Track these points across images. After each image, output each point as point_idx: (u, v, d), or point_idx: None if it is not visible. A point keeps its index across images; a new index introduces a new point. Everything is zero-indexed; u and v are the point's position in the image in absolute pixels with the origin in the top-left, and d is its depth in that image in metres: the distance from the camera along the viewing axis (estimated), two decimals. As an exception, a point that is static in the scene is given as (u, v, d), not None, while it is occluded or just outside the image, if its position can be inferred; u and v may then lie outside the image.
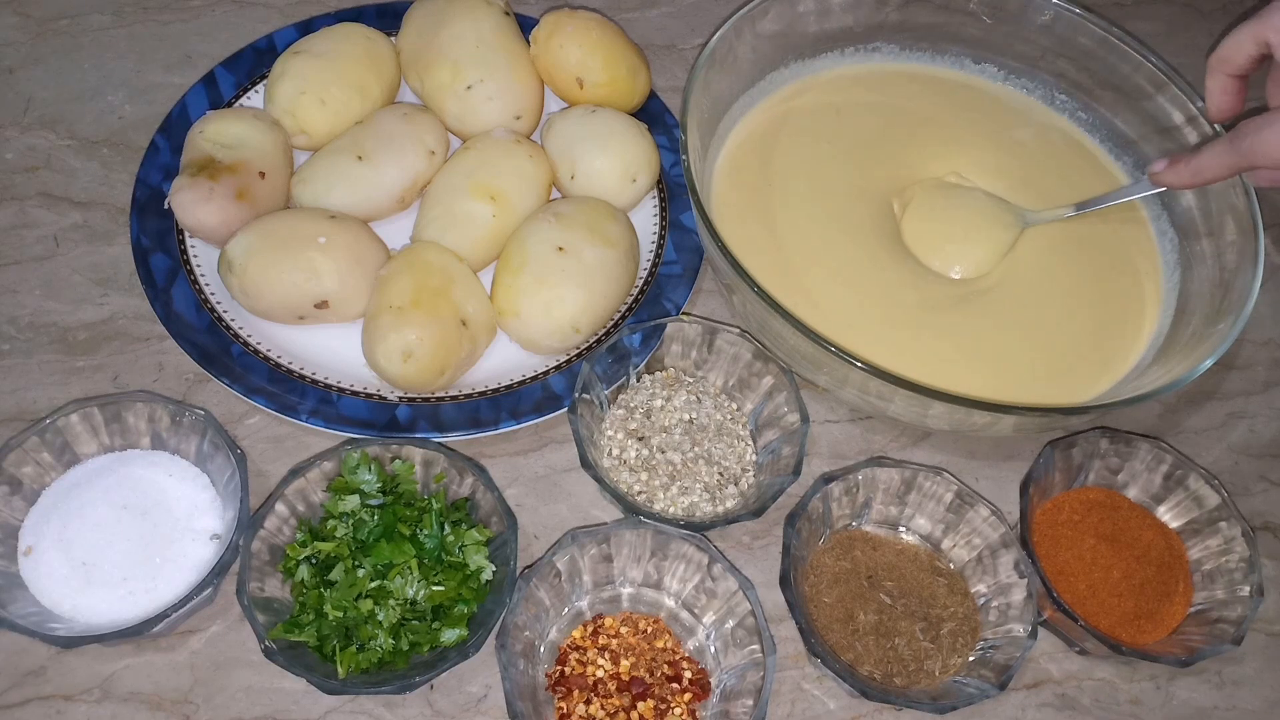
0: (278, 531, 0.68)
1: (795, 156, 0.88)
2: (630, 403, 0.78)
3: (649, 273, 0.84)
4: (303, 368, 0.77)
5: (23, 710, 0.66)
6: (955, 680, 0.68)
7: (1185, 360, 0.74)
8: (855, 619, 0.70)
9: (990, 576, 0.72)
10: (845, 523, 0.75)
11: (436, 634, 0.67)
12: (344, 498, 0.69)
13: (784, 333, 0.72)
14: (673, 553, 0.69)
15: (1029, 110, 0.94)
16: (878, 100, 0.92)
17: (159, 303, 0.77)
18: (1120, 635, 0.71)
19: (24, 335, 0.80)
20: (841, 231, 0.84)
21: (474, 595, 0.68)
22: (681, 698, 0.67)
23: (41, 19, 0.97)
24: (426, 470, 0.72)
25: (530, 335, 0.78)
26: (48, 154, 0.89)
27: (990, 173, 0.89)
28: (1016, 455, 0.81)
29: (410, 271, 0.76)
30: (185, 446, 0.73)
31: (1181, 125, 0.86)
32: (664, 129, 0.90)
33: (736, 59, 0.85)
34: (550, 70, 0.87)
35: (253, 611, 0.64)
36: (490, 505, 0.70)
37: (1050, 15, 0.90)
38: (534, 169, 0.83)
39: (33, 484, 0.70)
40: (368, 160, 0.81)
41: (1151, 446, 0.76)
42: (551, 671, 0.68)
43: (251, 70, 0.90)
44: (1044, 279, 0.84)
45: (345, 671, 0.65)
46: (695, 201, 0.75)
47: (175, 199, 0.77)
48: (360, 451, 0.70)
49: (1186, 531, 0.76)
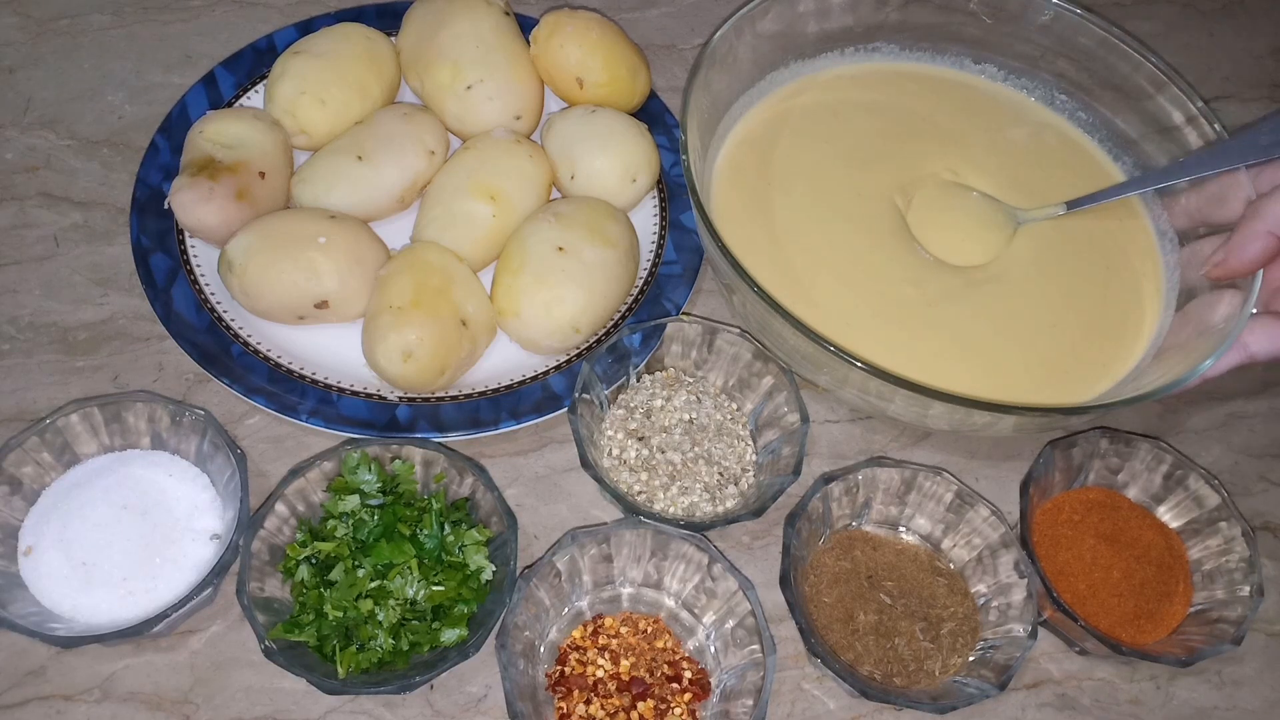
0: (278, 531, 0.68)
1: (795, 156, 0.87)
2: (630, 403, 0.78)
3: (649, 273, 0.84)
4: (303, 368, 0.77)
5: (23, 710, 0.66)
6: (955, 680, 0.68)
7: (1185, 360, 0.74)
8: (855, 619, 0.70)
9: (990, 576, 0.72)
10: (845, 523, 0.75)
11: (436, 634, 0.67)
12: (344, 498, 0.70)
13: (784, 333, 0.72)
14: (673, 553, 0.69)
15: (1029, 110, 0.94)
16: (878, 100, 0.92)
17: (159, 303, 0.77)
18: (1120, 635, 0.71)
19: (24, 335, 0.80)
20: (842, 231, 0.84)
21: (474, 595, 0.68)
22: (681, 698, 0.67)
23: (41, 19, 0.97)
24: (426, 470, 0.72)
25: (530, 335, 0.78)
26: (48, 154, 0.89)
27: (989, 172, 0.88)
28: (1016, 455, 0.81)
29: (410, 271, 0.76)
30: (185, 446, 0.73)
31: (1181, 125, 0.86)
32: (664, 129, 0.90)
33: (736, 59, 0.85)
34: (550, 70, 0.87)
35: (253, 611, 0.64)
36: (490, 505, 0.70)
37: (1050, 15, 0.89)
38: (534, 169, 0.83)
39: (33, 484, 0.70)
40: (368, 160, 0.81)
41: (1151, 446, 0.76)
42: (551, 671, 0.68)
43: (251, 70, 0.89)
44: (1044, 279, 0.84)
45: (345, 671, 0.64)
46: (695, 201, 0.75)
47: (175, 199, 0.77)
48: (360, 451, 0.70)
49: (1186, 531, 0.76)
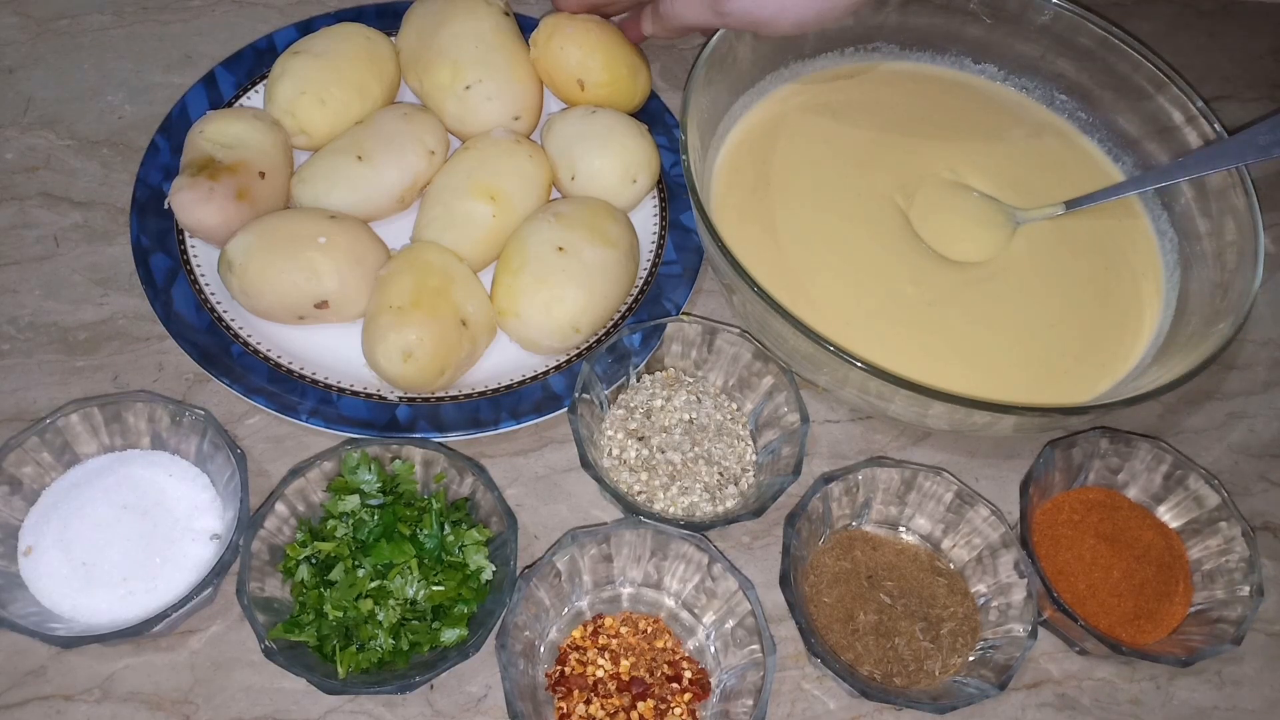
0: (278, 531, 0.68)
1: (795, 156, 0.88)
2: (630, 402, 0.78)
3: (649, 273, 0.84)
4: (303, 368, 0.77)
5: (23, 710, 0.66)
6: (955, 680, 0.68)
7: (1185, 360, 0.74)
8: (855, 619, 0.70)
9: (990, 576, 0.72)
10: (845, 523, 0.75)
11: (436, 634, 0.67)
12: (344, 498, 0.69)
13: (784, 332, 0.72)
14: (673, 553, 0.69)
15: (1029, 110, 0.94)
16: (878, 100, 0.92)
17: (159, 303, 0.77)
18: (1120, 635, 0.71)
19: (24, 335, 0.80)
20: (842, 231, 0.84)
21: (474, 595, 0.68)
22: (681, 698, 0.67)
23: (41, 19, 0.96)
24: (426, 470, 0.72)
25: (530, 335, 0.78)
26: (48, 154, 0.89)
27: (989, 172, 0.89)
28: (1016, 455, 0.81)
29: (410, 271, 0.76)
30: (185, 446, 0.73)
31: (1181, 125, 0.86)
32: (664, 129, 0.90)
33: (736, 59, 0.85)
34: (551, 72, 0.87)
35: (253, 611, 0.64)
36: (490, 505, 0.70)
37: (1050, 15, 0.90)
38: (534, 169, 0.83)
39: (33, 484, 0.70)
40: (368, 160, 0.81)
41: (1151, 446, 0.76)
42: (551, 671, 0.68)
43: (251, 70, 0.89)
44: (1044, 279, 0.84)
45: (345, 671, 0.65)
46: (695, 201, 0.75)
47: (175, 199, 0.77)
48: (360, 451, 0.70)
49: (1186, 531, 0.76)
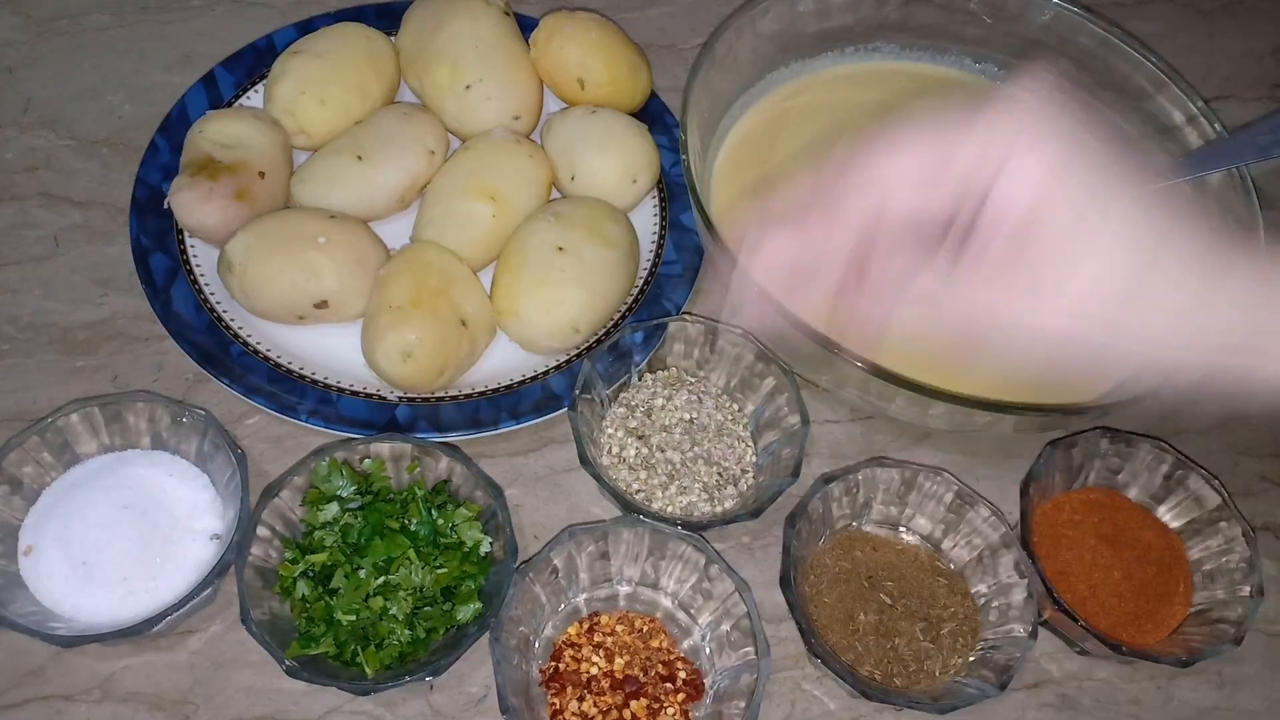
0: (265, 557, 0.68)
1: (795, 155, 0.87)
2: (631, 401, 0.78)
3: (649, 273, 0.83)
4: (302, 368, 0.77)
5: (23, 710, 0.66)
6: (955, 680, 0.68)
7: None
8: (855, 619, 0.70)
9: (990, 577, 0.72)
10: (845, 523, 0.75)
11: (451, 614, 0.67)
12: (322, 508, 0.69)
13: (784, 332, 0.72)
14: (670, 552, 0.69)
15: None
16: (878, 100, 0.92)
17: (159, 303, 0.77)
18: (1120, 636, 0.71)
19: (24, 335, 0.80)
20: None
21: (478, 569, 0.68)
22: (675, 698, 0.66)
23: (41, 19, 0.96)
24: (397, 464, 0.72)
25: (530, 335, 0.78)
26: (48, 154, 0.89)
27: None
28: (1017, 455, 0.80)
29: (410, 271, 0.76)
30: (185, 446, 0.73)
31: (1181, 125, 0.86)
32: (664, 129, 0.90)
33: (736, 59, 0.85)
34: (551, 72, 0.87)
35: (264, 637, 0.64)
36: (471, 481, 0.70)
37: (1050, 15, 0.89)
38: (534, 169, 0.83)
39: (33, 484, 0.70)
40: (368, 160, 0.81)
41: (1151, 446, 0.76)
42: (546, 667, 0.68)
43: (251, 70, 0.89)
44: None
45: (373, 671, 0.65)
46: (695, 201, 0.75)
47: (175, 199, 0.77)
48: (328, 459, 0.70)
49: (1187, 532, 0.76)
